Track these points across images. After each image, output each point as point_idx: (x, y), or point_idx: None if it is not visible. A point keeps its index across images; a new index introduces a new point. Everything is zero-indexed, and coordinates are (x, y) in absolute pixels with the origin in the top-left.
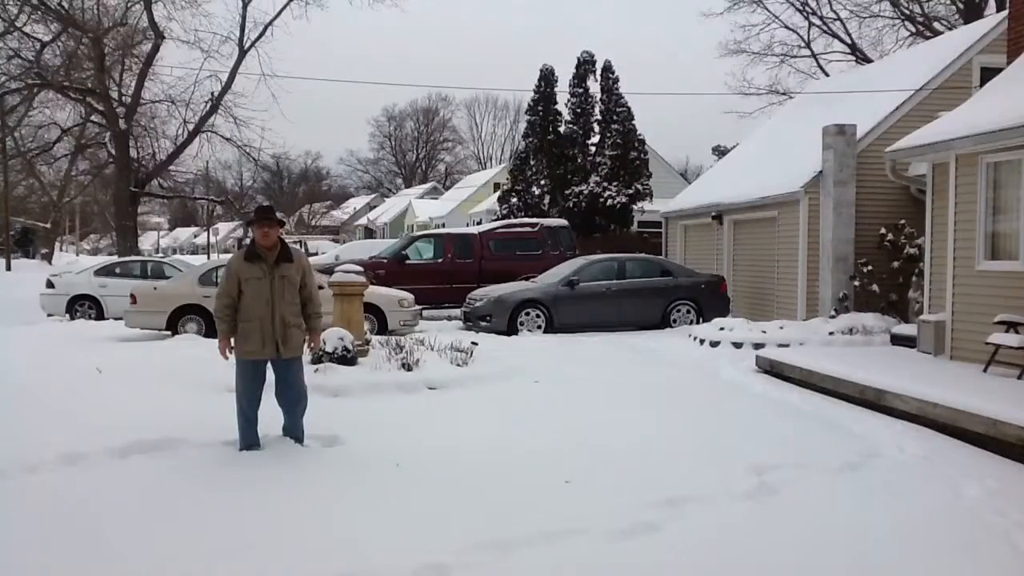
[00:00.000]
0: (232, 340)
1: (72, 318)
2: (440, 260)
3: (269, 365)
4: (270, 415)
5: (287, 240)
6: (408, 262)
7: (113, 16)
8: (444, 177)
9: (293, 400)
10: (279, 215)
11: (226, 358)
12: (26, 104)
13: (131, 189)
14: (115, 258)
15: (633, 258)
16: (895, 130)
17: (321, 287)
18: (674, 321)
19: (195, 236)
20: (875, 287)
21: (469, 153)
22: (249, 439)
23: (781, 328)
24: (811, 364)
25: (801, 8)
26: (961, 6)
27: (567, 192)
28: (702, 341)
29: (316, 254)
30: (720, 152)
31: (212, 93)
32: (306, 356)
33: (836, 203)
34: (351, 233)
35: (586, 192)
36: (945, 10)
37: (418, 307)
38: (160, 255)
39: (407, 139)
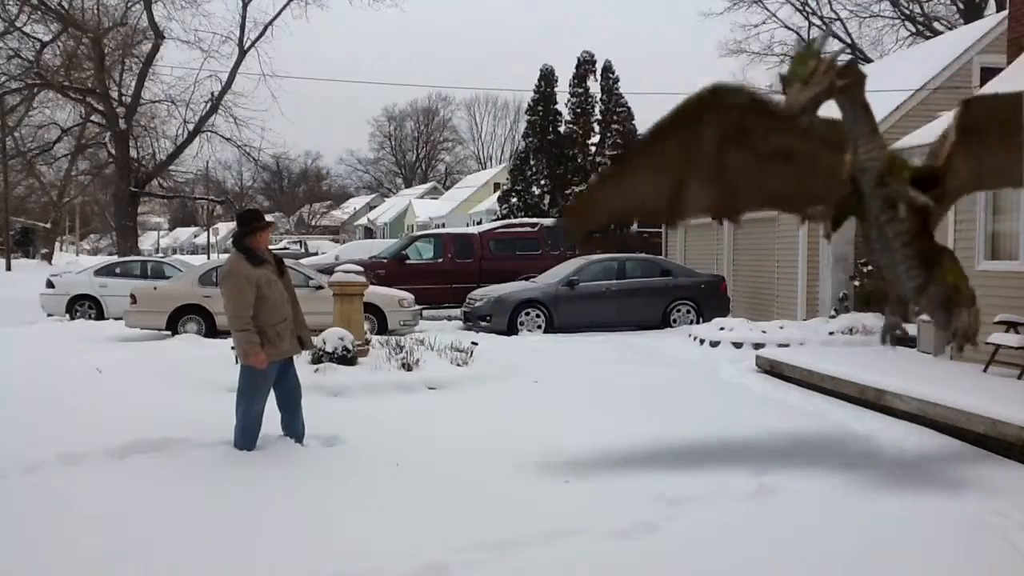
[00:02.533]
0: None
1: (72, 318)
2: (440, 260)
3: None
4: (270, 415)
5: (289, 240)
6: (408, 262)
7: (113, 16)
8: (444, 177)
9: (298, 396)
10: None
11: (263, 366)
12: (26, 104)
13: (131, 189)
14: (115, 258)
15: (633, 258)
16: (895, 130)
17: (321, 287)
18: (674, 321)
19: (195, 236)
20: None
21: (469, 153)
22: (251, 442)
23: (781, 328)
24: (811, 364)
25: (801, 8)
26: (961, 6)
27: (567, 192)
28: (702, 341)
29: (316, 254)
30: None
31: (212, 93)
32: (305, 356)
33: None
34: (351, 233)
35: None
36: (945, 10)
37: (418, 307)
38: (160, 255)
39: (407, 139)
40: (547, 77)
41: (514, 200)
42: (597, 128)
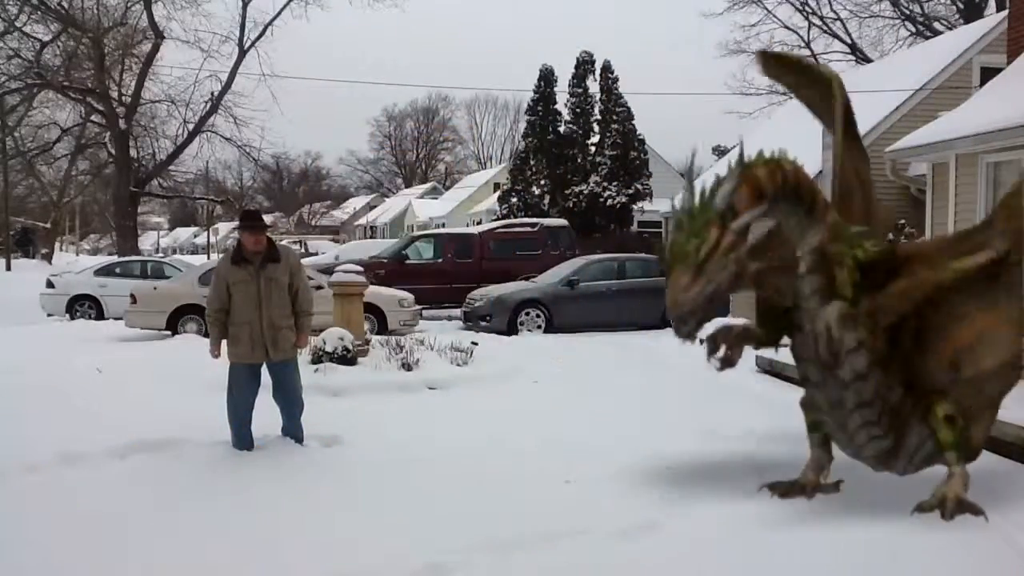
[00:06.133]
0: (222, 343)
1: (72, 318)
2: (440, 260)
3: (264, 367)
4: (270, 415)
5: (288, 240)
6: (408, 262)
7: (113, 16)
8: (444, 177)
9: (288, 402)
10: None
11: (216, 357)
12: (26, 104)
13: (131, 189)
14: (115, 258)
15: (633, 258)
16: (895, 130)
17: (321, 287)
18: None
19: (195, 236)
20: None
21: (469, 153)
22: (243, 442)
23: None
24: None
25: (801, 8)
26: (961, 6)
27: (567, 192)
28: (702, 341)
29: (316, 254)
30: (720, 152)
31: (212, 93)
32: (306, 356)
33: None
34: (351, 233)
35: (586, 192)
36: (945, 10)
37: (418, 307)
38: (160, 255)
39: (407, 139)
40: (547, 77)
41: (514, 200)
42: (597, 128)
